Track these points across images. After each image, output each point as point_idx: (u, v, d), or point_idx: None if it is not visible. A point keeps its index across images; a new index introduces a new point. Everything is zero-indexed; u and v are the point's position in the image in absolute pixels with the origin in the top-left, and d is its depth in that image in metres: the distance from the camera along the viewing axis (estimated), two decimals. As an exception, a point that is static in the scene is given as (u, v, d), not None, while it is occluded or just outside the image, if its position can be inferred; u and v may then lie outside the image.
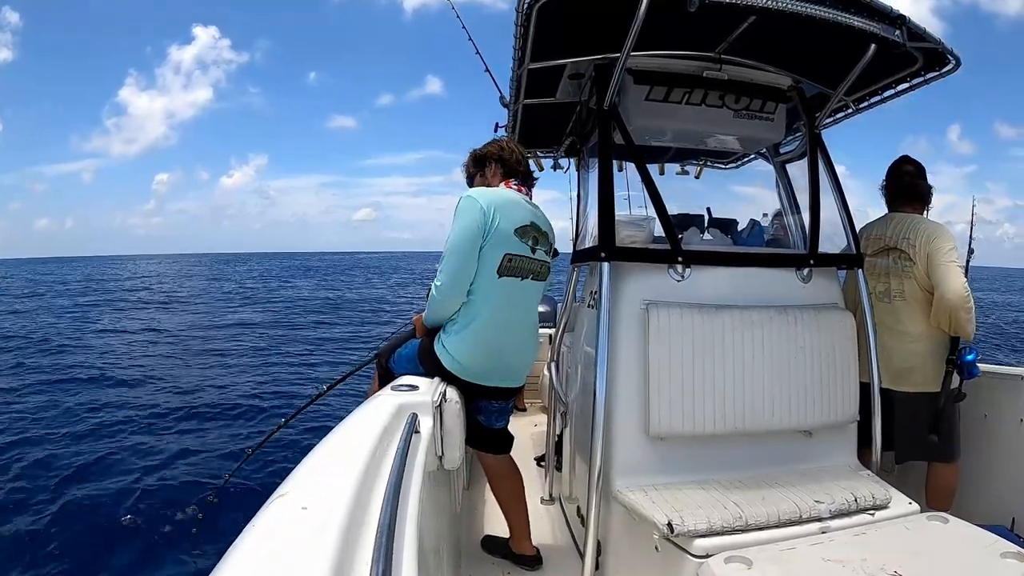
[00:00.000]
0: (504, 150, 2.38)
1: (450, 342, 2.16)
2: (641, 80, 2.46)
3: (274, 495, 0.97)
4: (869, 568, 1.56)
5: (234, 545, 0.80)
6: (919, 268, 2.50)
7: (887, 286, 2.62)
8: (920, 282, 2.51)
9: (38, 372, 10.27)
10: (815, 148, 2.58)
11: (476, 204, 2.11)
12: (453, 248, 2.09)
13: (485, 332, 2.16)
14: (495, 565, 2.43)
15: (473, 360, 2.15)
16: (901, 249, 2.57)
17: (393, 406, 1.62)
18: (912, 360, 2.55)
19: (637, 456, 2.16)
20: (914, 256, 2.52)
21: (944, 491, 2.55)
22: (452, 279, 2.10)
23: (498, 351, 2.21)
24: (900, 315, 2.57)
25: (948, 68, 2.36)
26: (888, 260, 2.62)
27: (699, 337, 2.13)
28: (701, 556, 1.74)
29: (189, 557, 4.19)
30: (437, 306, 2.17)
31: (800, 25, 2.01)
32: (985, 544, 1.68)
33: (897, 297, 2.58)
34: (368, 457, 1.17)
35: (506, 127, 3.46)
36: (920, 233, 2.52)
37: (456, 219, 2.12)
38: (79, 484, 5.39)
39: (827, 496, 1.96)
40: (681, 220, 2.77)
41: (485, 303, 2.15)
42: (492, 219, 2.10)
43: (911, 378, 2.55)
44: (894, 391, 2.56)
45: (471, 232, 2.08)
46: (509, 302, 2.20)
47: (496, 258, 2.13)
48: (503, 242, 2.13)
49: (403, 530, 1.00)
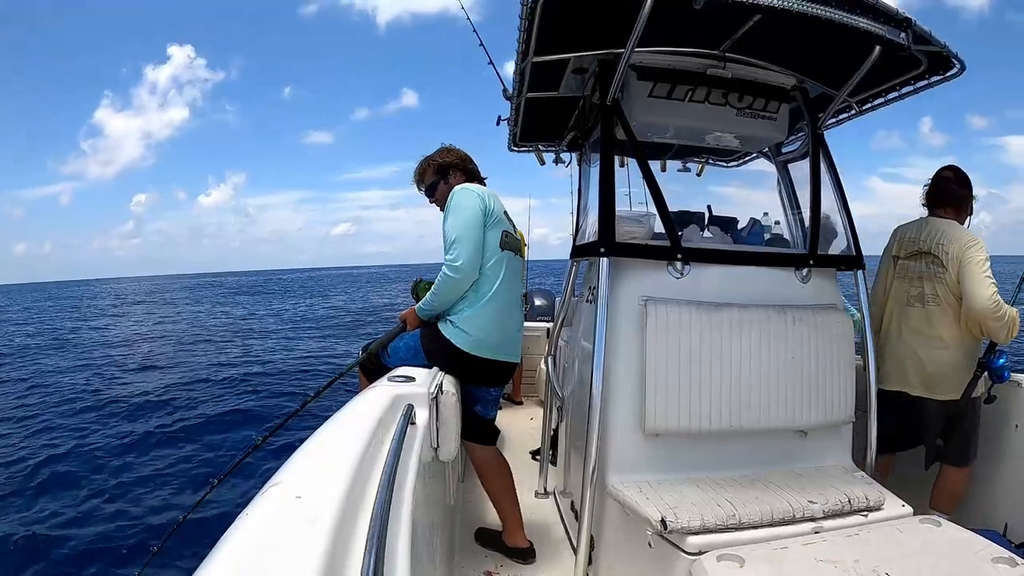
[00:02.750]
0: (465, 160, 2.58)
1: (461, 318, 2.27)
2: (645, 76, 2.45)
3: (268, 484, 0.97)
4: (861, 569, 1.56)
5: (227, 533, 0.80)
6: (951, 275, 2.49)
7: (920, 290, 2.60)
8: (952, 288, 2.50)
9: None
10: (817, 149, 2.58)
11: (473, 193, 2.32)
12: (464, 233, 2.23)
13: (495, 303, 2.30)
14: (488, 557, 2.44)
15: (486, 333, 2.28)
16: (934, 254, 2.55)
17: (389, 397, 1.62)
18: (944, 368, 2.53)
19: (632, 452, 2.16)
20: (946, 263, 2.50)
21: (952, 494, 2.56)
22: (470, 260, 2.22)
23: (504, 324, 2.35)
24: (933, 320, 2.55)
25: (953, 72, 2.35)
26: (921, 264, 2.60)
27: (697, 335, 2.13)
28: (694, 553, 1.74)
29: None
30: (453, 286, 2.25)
31: (805, 25, 2.00)
32: (977, 548, 1.69)
33: (931, 301, 2.56)
34: (363, 448, 1.17)
35: (508, 120, 3.45)
36: (954, 240, 2.51)
37: (457, 209, 2.27)
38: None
39: (821, 496, 1.97)
40: (681, 217, 2.77)
41: (494, 276, 2.30)
42: (488, 204, 2.31)
43: (943, 386, 2.53)
44: (926, 399, 2.56)
45: (477, 216, 2.26)
46: (509, 275, 2.37)
47: (497, 236, 2.33)
48: (499, 222, 2.35)
49: (397, 521, 1.00)
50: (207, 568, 0.71)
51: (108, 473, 6.17)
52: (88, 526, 4.98)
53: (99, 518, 5.14)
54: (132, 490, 5.70)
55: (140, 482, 5.88)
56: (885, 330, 2.72)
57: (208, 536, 0.79)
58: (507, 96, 2.97)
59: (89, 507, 5.37)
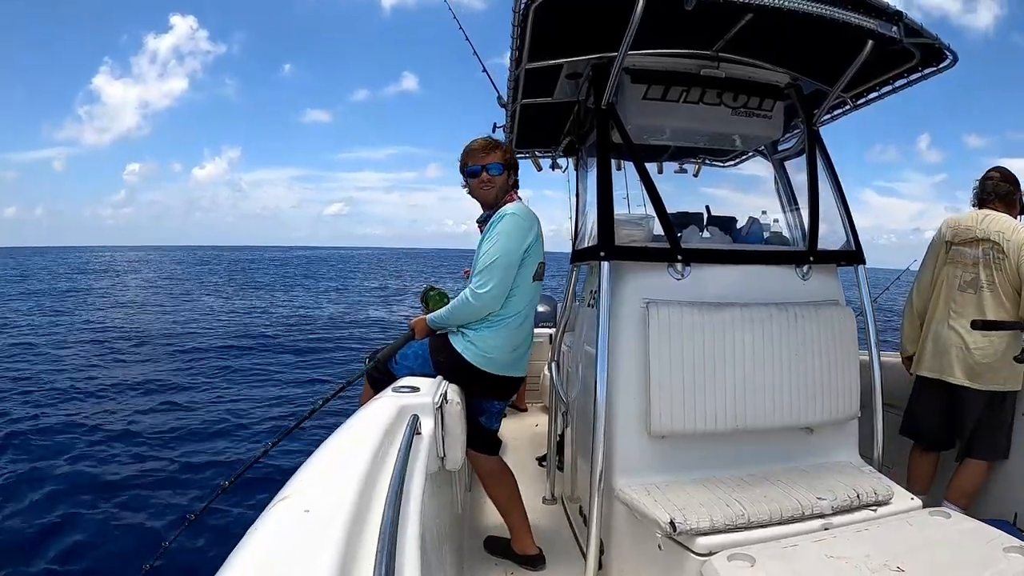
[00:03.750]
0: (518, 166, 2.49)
1: (477, 335, 2.26)
2: (639, 79, 2.46)
3: (276, 498, 0.97)
4: (872, 564, 1.56)
5: (237, 549, 0.80)
6: (1011, 262, 2.49)
7: (975, 275, 2.58)
8: (1010, 277, 2.50)
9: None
10: (813, 145, 2.58)
11: (524, 225, 2.26)
12: (501, 263, 2.19)
13: (516, 327, 2.30)
14: (498, 566, 2.43)
15: (501, 353, 2.28)
16: (994, 241, 2.55)
17: (394, 408, 1.62)
18: (990, 357, 2.51)
19: (638, 455, 2.16)
20: (1008, 250, 2.50)
21: (970, 488, 2.55)
22: (497, 295, 2.20)
23: (517, 344, 2.34)
24: (985, 306, 2.54)
25: (945, 64, 2.35)
26: (978, 251, 2.59)
27: (699, 335, 2.13)
28: (704, 554, 1.74)
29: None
30: (473, 312, 2.24)
31: (797, 23, 2.01)
32: (988, 539, 1.69)
33: (986, 287, 2.55)
34: (370, 459, 1.17)
35: (504, 127, 3.46)
36: (1014, 230, 2.52)
37: (505, 235, 2.21)
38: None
39: (829, 492, 1.96)
40: (680, 218, 2.77)
41: (521, 303, 2.30)
42: (533, 238, 2.28)
43: (987, 376, 2.52)
44: (966, 389, 2.55)
45: (519, 252, 2.23)
46: (532, 303, 2.39)
47: (533, 266, 2.31)
48: (536, 253, 2.32)
49: (405, 532, 1.00)
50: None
51: (114, 475, 6.05)
52: (87, 526, 4.92)
53: (98, 519, 5.07)
54: (139, 493, 5.61)
55: (148, 485, 5.80)
56: (930, 317, 2.72)
57: (215, 549, 0.79)
58: (502, 103, 2.98)
59: (91, 504, 5.31)
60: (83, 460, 6.29)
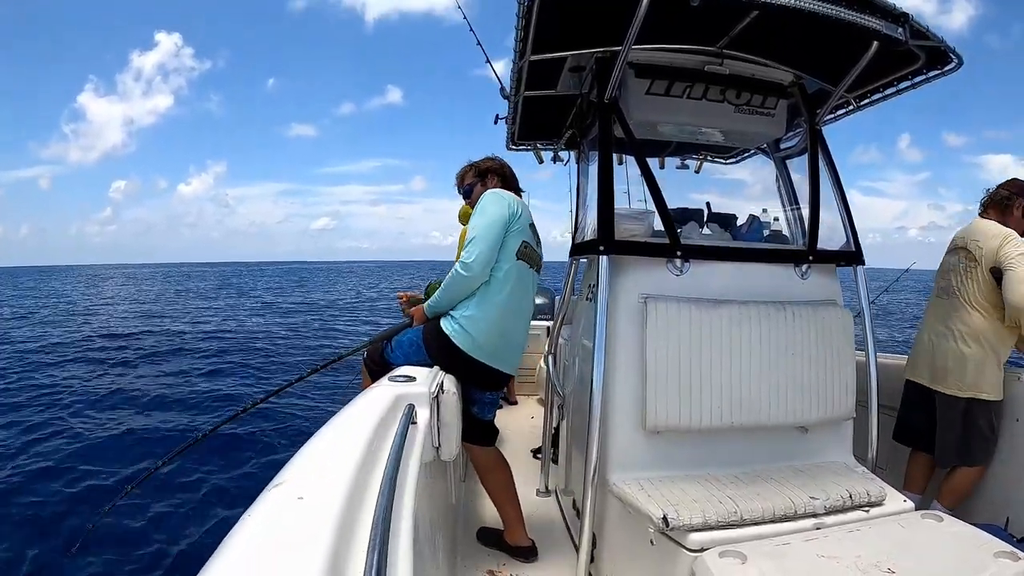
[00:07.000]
0: (504, 167, 2.64)
1: (465, 317, 2.26)
2: (642, 74, 2.45)
3: (270, 485, 0.97)
4: (863, 564, 1.57)
5: (230, 535, 0.80)
6: (981, 269, 2.54)
7: (948, 282, 2.69)
8: (980, 283, 2.55)
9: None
10: (815, 144, 2.58)
11: (503, 198, 2.34)
12: (483, 235, 2.24)
13: (499, 310, 2.29)
14: (491, 556, 2.44)
15: (486, 337, 2.27)
16: (968, 249, 2.62)
17: (390, 397, 1.62)
18: (950, 361, 2.58)
19: (633, 450, 2.16)
20: (979, 257, 2.56)
21: (955, 492, 2.58)
22: (482, 260, 2.23)
23: (506, 331, 2.33)
24: (951, 312, 2.63)
25: (950, 67, 2.35)
26: (955, 259, 2.68)
27: (696, 331, 2.13)
28: (696, 550, 1.74)
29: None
30: (461, 284, 2.26)
31: (803, 21, 2.00)
32: (979, 543, 1.69)
33: (954, 294, 2.64)
34: (365, 448, 1.17)
35: (506, 119, 3.44)
36: (991, 237, 2.56)
37: (485, 211, 2.30)
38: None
39: (822, 492, 1.97)
40: (680, 214, 2.77)
41: (504, 284, 2.29)
42: (516, 212, 2.33)
43: (948, 380, 2.58)
44: (935, 391, 2.64)
45: (501, 222, 2.27)
46: (520, 286, 2.36)
47: (516, 244, 2.33)
48: (522, 231, 2.35)
49: (399, 521, 1.00)
50: (211, 569, 0.71)
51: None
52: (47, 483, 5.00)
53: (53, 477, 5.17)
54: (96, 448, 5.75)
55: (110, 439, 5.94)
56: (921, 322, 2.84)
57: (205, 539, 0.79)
58: (504, 95, 2.97)
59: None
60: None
